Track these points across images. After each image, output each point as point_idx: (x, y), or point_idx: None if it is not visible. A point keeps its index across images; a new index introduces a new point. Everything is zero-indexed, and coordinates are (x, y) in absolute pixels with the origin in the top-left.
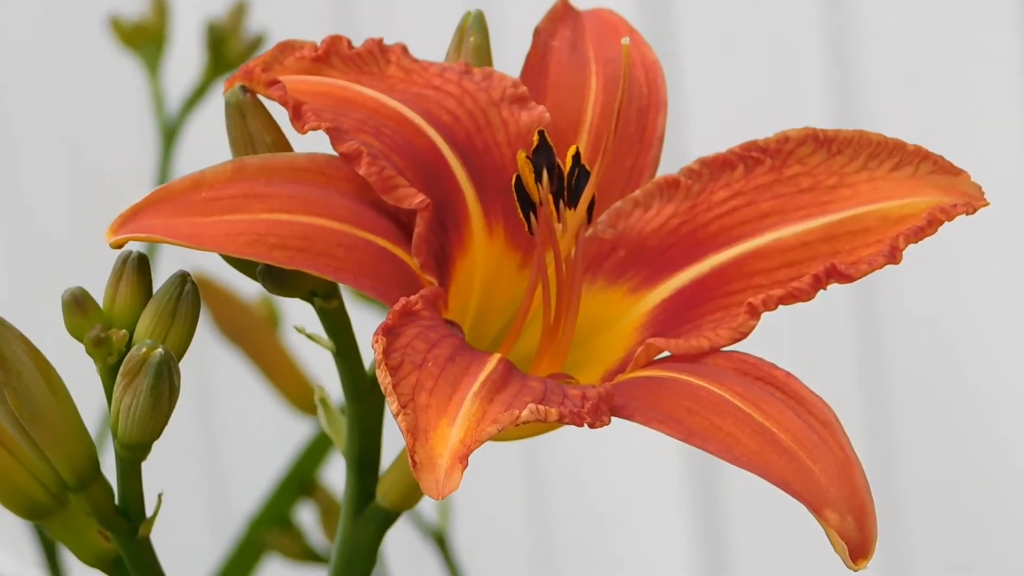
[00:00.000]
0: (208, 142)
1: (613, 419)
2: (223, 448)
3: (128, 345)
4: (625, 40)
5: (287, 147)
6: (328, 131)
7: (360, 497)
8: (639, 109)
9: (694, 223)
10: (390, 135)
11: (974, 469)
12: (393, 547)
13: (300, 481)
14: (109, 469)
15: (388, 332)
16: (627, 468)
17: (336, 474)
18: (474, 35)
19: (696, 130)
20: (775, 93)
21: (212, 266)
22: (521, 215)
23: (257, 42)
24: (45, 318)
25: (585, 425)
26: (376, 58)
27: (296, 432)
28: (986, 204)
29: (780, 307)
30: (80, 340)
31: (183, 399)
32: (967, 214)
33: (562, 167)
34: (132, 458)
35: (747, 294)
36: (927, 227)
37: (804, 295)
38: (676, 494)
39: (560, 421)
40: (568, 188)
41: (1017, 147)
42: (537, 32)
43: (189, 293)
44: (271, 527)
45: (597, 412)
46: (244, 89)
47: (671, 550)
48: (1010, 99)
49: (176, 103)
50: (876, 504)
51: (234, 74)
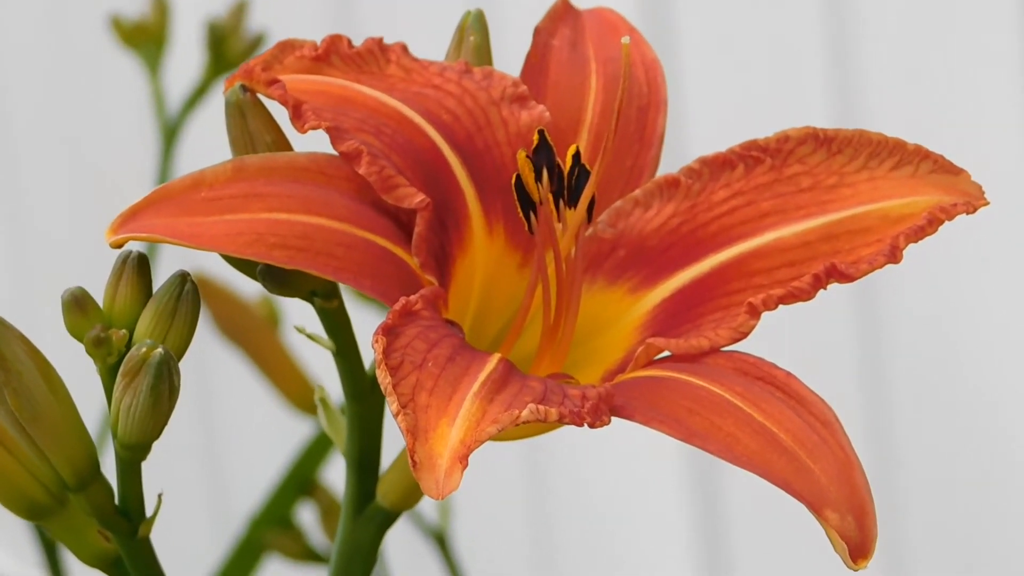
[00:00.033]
0: (208, 142)
1: (613, 419)
2: (223, 448)
3: (128, 345)
4: (625, 39)
5: (287, 146)
6: (328, 130)
7: (360, 497)
8: (639, 108)
9: (694, 222)
10: (390, 134)
11: (974, 469)
12: (393, 547)
13: (300, 481)
14: (109, 469)
15: (388, 332)
16: (627, 468)
17: (336, 474)
18: (474, 34)
19: (696, 129)
20: (775, 92)
21: (212, 266)
22: (521, 214)
23: (257, 42)
24: (45, 318)
25: (585, 425)
26: (376, 57)
27: (296, 432)
28: (986, 203)
29: (780, 307)
30: (80, 340)
31: (183, 399)
32: (967, 213)
33: (562, 166)
34: (132, 458)
35: (747, 294)
36: (927, 226)
37: (804, 295)
38: (676, 494)
39: (560, 421)
40: (568, 187)
41: (1017, 147)
42: (537, 31)
43: (189, 293)
44: (271, 527)
45: (597, 412)
46: (244, 88)
47: (671, 550)
48: (1010, 99)
49: (176, 103)
50: (876, 504)
51: (234, 73)
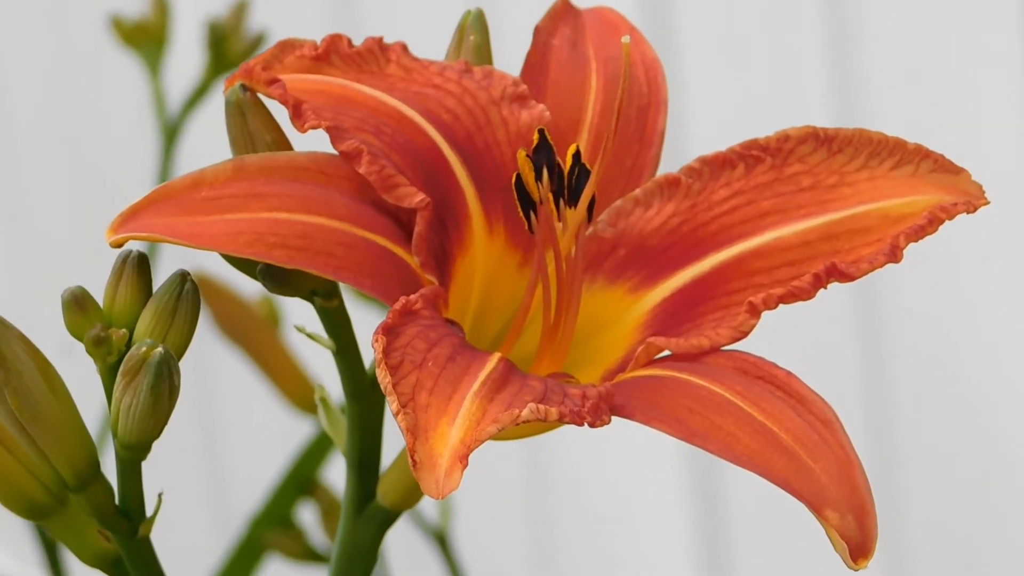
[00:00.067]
0: (209, 141)
1: (613, 418)
2: (224, 447)
3: (128, 344)
4: (625, 38)
5: (287, 146)
6: (328, 130)
7: (360, 497)
8: (639, 108)
9: (694, 222)
10: (390, 134)
11: (975, 468)
12: (394, 547)
13: (301, 481)
14: (109, 469)
15: (388, 331)
16: (628, 467)
17: (337, 473)
18: (474, 34)
19: (697, 129)
20: (775, 92)
21: (213, 265)
22: (521, 214)
23: (258, 41)
24: (45, 318)
25: (585, 424)
26: (376, 57)
27: (297, 431)
28: (987, 203)
29: (780, 306)
30: (80, 339)
31: (183, 398)
32: (968, 213)
33: (562, 166)
34: (132, 458)
35: (747, 293)
36: (928, 226)
37: (805, 294)
38: (676, 494)
39: (560, 420)
40: (568, 187)
41: (1017, 146)
42: (537, 31)
43: (189, 292)
44: (272, 527)
45: (597, 411)
46: (244, 88)
47: (672, 550)
48: (1010, 99)
49: (177, 102)
50: (876, 503)
51: (234, 73)
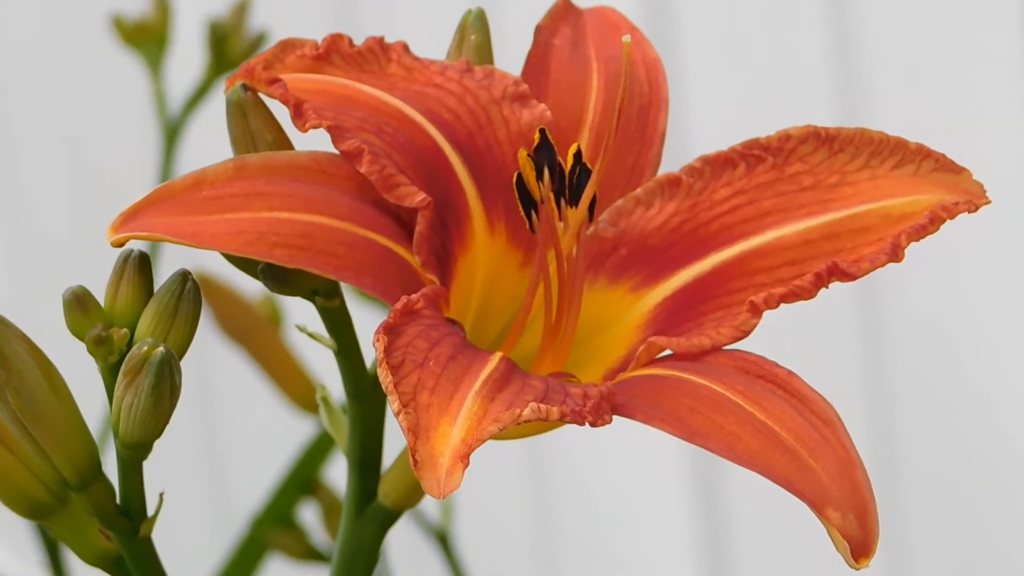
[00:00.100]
0: (210, 141)
1: (615, 418)
2: (225, 447)
3: (129, 344)
4: (626, 38)
5: (288, 145)
6: (329, 129)
7: (362, 496)
8: (640, 107)
9: (696, 221)
10: (391, 133)
11: (976, 468)
12: (395, 546)
13: (302, 480)
14: (111, 468)
15: (389, 331)
16: (629, 467)
17: (338, 473)
18: (475, 33)
19: (698, 128)
20: (777, 91)
21: (214, 265)
22: (522, 213)
23: (259, 41)
24: (46, 317)
25: (587, 424)
26: (377, 56)
27: (298, 431)
28: (988, 202)
29: (782, 305)
30: (81, 339)
31: (185, 398)
32: (969, 212)
33: (563, 165)
34: (133, 457)
35: (749, 292)
36: (929, 225)
37: (806, 293)
38: (678, 493)
39: (562, 420)
40: (569, 186)
41: (1018, 146)
42: (538, 30)
43: (190, 292)
44: (273, 526)
45: (599, 411)
46: (245, 87)
47: (673, 549)
48: (1010, 99)
49: (178, 102)
50: (878, 503)
51: (235, 72)
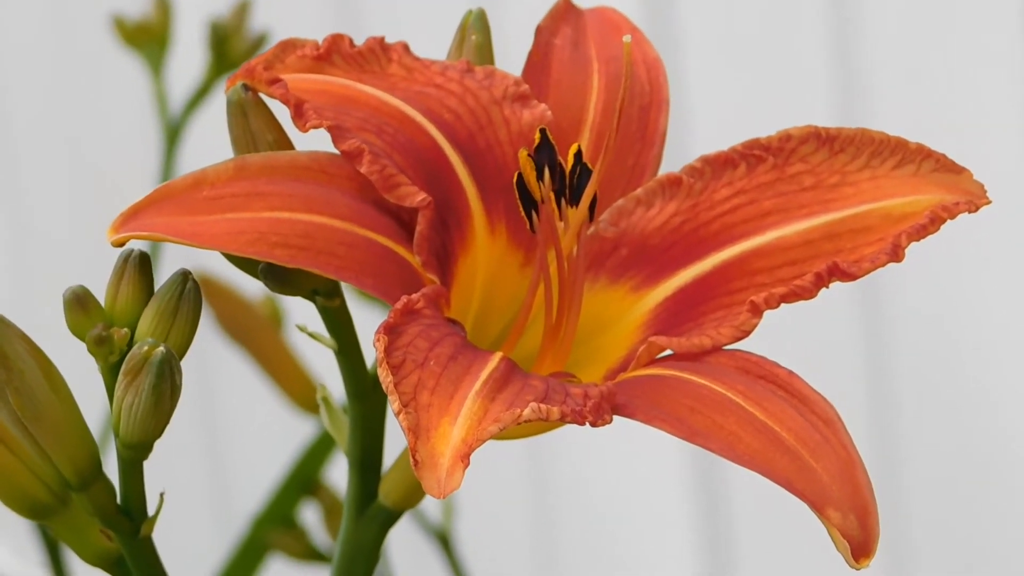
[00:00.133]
0: (211, 142)
1: (615, 418)
2: (226, 447)
3: (130, 344)
4: (626, 38)
5: (289, 145)
6: (330, 129)
7: (362, 496)
8: (641, 107)
9: (696, 221)
10: (392, 133)
11: (977, 468)
12: (396, 546)
13: (303, 480)
14: (111, 468)
15: (390, 330)
16: (630, 467)
17: (339, 473)
18: (476, 33)
19: (698, 128)
20: (777, 92)
21: (215, 265)
22: (523, 213)
23: (260, 41)
24: (46, 317)
25: (587, 424)
26: (378, 56)
27: (299, 431)
28: (988, 202)
29: (782, 305)
30: (82, 339)
31: (185, 398)
32: (969, 212)
33: (564, 165)
34: (134, 457)
35: (749, 292)
36: (929, 225)
37: (806, 293)
38: (678, 493)
39: (562, 420)
40: (570, 186)
41: (1018, 146)
42: (539, 30)
43: (190, 292)
44: (274, 526)
45: (599, 411)
46: (246, 87)
47: (673, 549)
48: (1010, 99)
49: (179, 103)
50: (878, 503)
51: (236, 72)
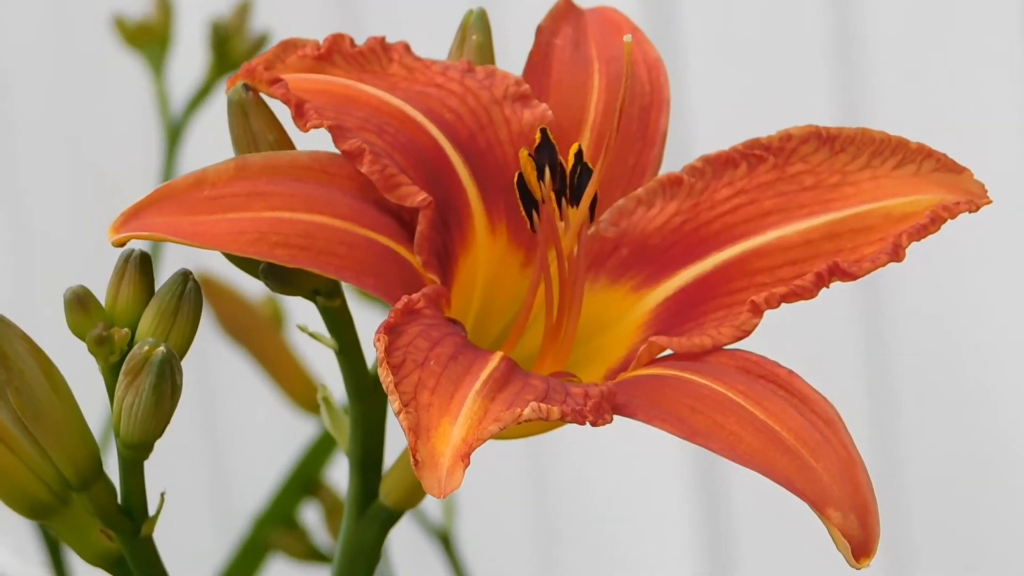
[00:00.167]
0: (212, 142)
1: (616, 417)
2: (227, 447)
3: (130, 344)
4: (627, 37)
5: (289, 145)
6: (330, 129)
7: (363, 496)
8: (641, 107)
9: (697, 221)
10: (392, 133)
11: (978, 467)
12: (397, 546)
13: (304, 480)
14: (112, 468)
15: (390, 330)
16: (630, 467)
17: (340, 473)
18: (476, 33)
19: (699, 128)
20: (778, 91)
21: (216, 265)
22: (524, 213)
23: (261, 41)
24: (47, 317)
25: (587, 423)
26: (378, 56)
27: (300, 431)
28: (989, 202)
29: (783, 305)
30: (82, 339)
31: (186, 398)
32: (970, 212)
33: (564, 165)
34: (135, 457)
35: (750, 292)
36: (930, 225)
37: (807, 293)
38: (679, 493)
39: (562, 419)
40: (570, 186)
41: (1018, 146)
42: (540, 30)
43: (191, 292)
44: (275, 526)
45: (599, 410)
46: (247, 87)
47: (674, 549)
48: (1011, 99)
49: (180, 103)
50: (879, 502)
51: (237, 72)
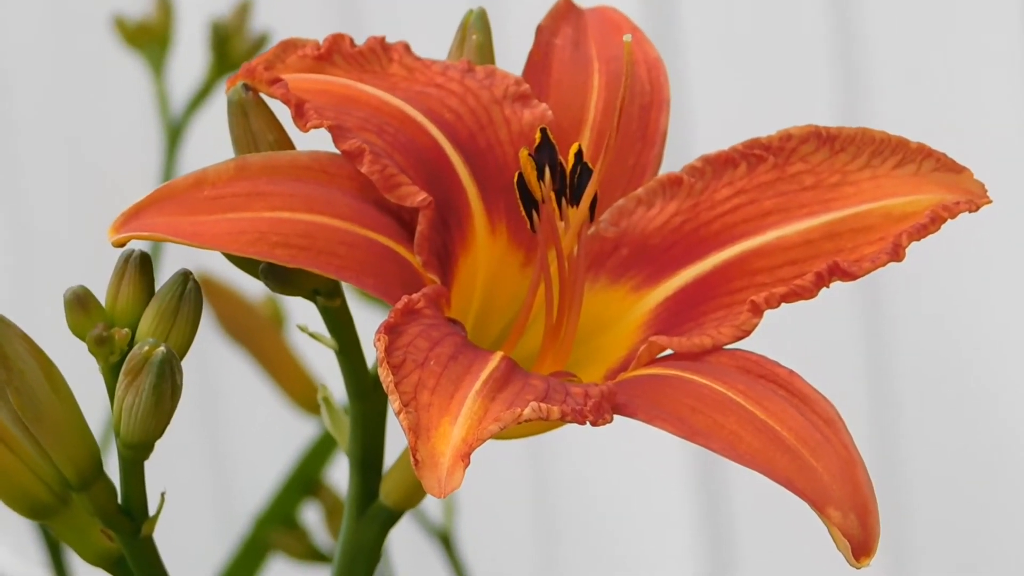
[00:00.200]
0: (212, 142)
1: (616, 417)
2: (227, 447)
3: (130, 344)
4: (627, 37)
5: (289, 145)
6: (330, 129)
7: (363, 496)
8: (641, 107)
9: (697, 221)
10: (392, 133)
11: (978, 467)
12: (398, 546)
13: (305, 480)
14: (112, 468)
15: (390, 330)
16: (631, 467)
17: (340, 474)
18: (476, 33)
19: (699, 128)
20: (778, 91)
21: (216, 265)
22: (524, 213)
23: (261, 41)
24: (47, 317)
25: (587, 423)
26: (378, 56)
27: (300, 431)
28: (989, 202)
29: (783, 305)
30: (82, 339)
31: (186, 398)
32: (970, 211)
33: (564, 165)
34: (135, 457)
35: (750, 292)
36: (930, 224)
37: (807, 293)
38: (679, 493)
39: (562, 419)
40: (570, 186)
41: (1018, 146)
42: (539, 30)
43: (191, 292)
44: (276, 526)
45: (599, 410)
46: (247, 87)
47: (674, 549)
48: (1010, 99)
49: (180, 103)
50: (879, 502)
51: (237, 73)
